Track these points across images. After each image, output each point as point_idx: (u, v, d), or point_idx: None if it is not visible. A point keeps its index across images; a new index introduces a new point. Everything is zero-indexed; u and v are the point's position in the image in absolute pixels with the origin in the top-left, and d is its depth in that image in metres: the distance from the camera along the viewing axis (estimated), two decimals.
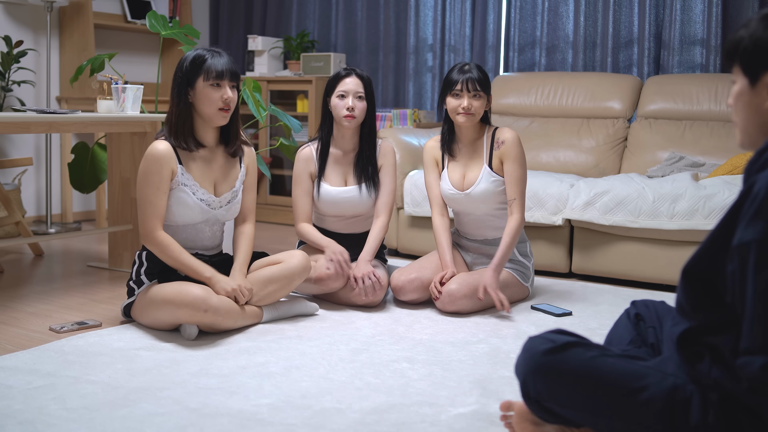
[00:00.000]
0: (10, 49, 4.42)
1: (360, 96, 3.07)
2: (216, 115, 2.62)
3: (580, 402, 1.61)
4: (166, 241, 2.60)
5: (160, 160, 2.59)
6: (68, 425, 1.84)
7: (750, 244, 1.37)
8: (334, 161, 3.19)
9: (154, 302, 2.56)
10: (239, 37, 5.90)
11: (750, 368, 1.36)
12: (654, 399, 1.54)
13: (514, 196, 2.98)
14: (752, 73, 1.47)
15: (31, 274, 3.59)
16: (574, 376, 1.60)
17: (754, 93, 1.47)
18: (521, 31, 4.79)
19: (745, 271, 1.38)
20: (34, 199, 4.92)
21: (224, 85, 2.61)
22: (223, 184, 2.75)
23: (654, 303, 2.00)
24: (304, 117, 5.28)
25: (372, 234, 3.11)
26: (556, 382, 1.61)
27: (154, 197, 2.59)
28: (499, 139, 3.02)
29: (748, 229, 1.38)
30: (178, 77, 2.62)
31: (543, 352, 1.63)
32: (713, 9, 4.21)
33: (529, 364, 1.64)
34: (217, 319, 2.52)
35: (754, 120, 1.49)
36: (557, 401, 1.63)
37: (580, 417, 1.63)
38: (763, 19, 1.46)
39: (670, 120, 4.17)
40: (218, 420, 1.88)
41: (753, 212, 1.37)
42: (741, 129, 1.52)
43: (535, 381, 1.63)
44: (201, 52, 2.63)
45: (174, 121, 2.64)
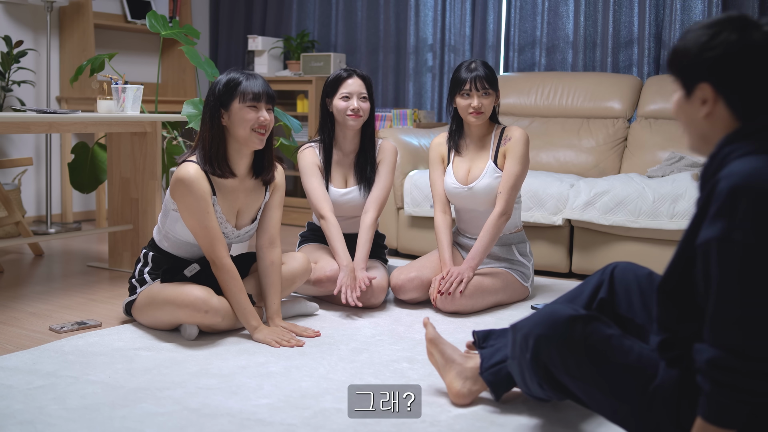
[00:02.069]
0: (10, 49, 4.43)
1: (364, 97, 3.07)
2: (251, 137, 2.52)
3: (588, 375, 1.62)
4: (233, 273, 2.52)
5: (201, 183, 2.47)
6: (68, 425, 1.84)
7: (710, 241, 1.40)
8: (335, 163, 3.18)
9: (155, 302, 2.56)
10: (239, 37, 5.90)
11: (700, 356, 1.42)
12: (664, 386, 1.55)
13: (502, 190, 2.97)
14: (687, 85, 1.50)
15: (31, 274, 3.59)
16: (592, 350, 1.61)
17: (689, 104, 1.51)
18: (521, 31, 4.79)
19: (708, 268, 1.42)
20: (34, 199, 4.92)
21: (261, 107, 2.53)
22: (245, 214, 2.65)
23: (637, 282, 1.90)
24: (304, 117, 5.28)
25: (361, 237, 3.03)
26: (573, 351, 1.63)
27: (208, 222, 2.49)
28: (507, 136, 3.03)
29: (709, 228, 1.41)
30: (211, 101, 2.51)
31: (568, 319, 1.64)
32: (713, 9, 4.21)
33: (550, 328, 1.65)
34: (217, 320, 2.52)
35: (693, 130, 1.53)
36: (566, 369, 1.64)
37: (582, 389, 1.66)
38: (697, 32, 1.48)
39: (670, 120, 4.17)
40: (218, 420, 1.88)
41: (714, 211, 1.40)
42: (686, 136, 1.56)
43: (552, 346, 1.64)
44: (235, 74, 2.53)
45: (208, 146, 2.52)
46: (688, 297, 1.52)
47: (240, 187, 2.61)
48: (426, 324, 2.12)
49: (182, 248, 2.65)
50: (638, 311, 1.86)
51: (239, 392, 2.07)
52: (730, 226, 1.37)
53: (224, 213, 2.59)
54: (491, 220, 2.96)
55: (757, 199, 1.35)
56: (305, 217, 5.03)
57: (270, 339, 2.49)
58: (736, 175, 1.38)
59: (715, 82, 1.45)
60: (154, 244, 2.70)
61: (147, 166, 3.54)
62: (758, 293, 1.36)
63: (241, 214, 2.65)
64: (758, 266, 1.36)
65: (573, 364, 1.64)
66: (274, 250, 2.68)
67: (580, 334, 1.63)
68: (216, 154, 2.52)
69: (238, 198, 2.62)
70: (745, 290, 1.37)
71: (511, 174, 2.97)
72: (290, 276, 2.78)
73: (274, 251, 2.68)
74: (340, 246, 2.97)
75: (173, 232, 2.61)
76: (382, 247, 3.31)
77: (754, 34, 1.42)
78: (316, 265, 3.01)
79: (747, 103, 1.45)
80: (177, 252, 2.66)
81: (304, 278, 2.86)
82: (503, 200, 2.97)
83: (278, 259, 2.69)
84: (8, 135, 4.70)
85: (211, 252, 2.51)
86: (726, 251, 1.37)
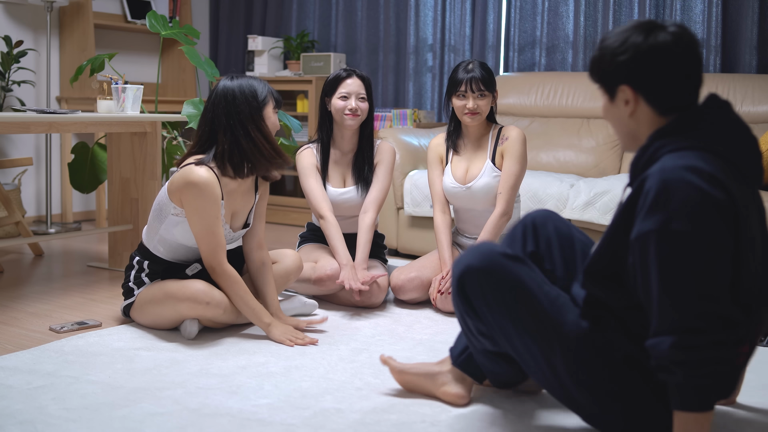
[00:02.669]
0: (10, 49, 4.43)
1: (362, 97, 3.07)
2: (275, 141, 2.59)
3: (508, 311, 1.74)
4: (235, 276, 2.52)
5: (213, 187, 2.46)
6: (68, 425, 1.84)
7: (649, 233, 1.48)
8: (333, 162, 3.18)
9: (155, 298, 2.56)
10: (239, 37, 5.90)
11: (659, 348, 1.47)
12: (572, 334, 1.68)
13: (501, 191, 2.98)
14: (609, 89, 1.63)
15: (31, 274, 3.59)
16: (516, 287, 1.73)
17: (615, 107, 1.64)
18: (521, 31, 4.79)
19: (646, 260, 1.50)
20: (34, 199, 4.92)
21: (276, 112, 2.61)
22: (238, 216, 2.66)
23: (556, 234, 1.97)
24: (304, 117, 5.28)
25: (360, 237, 3.04)
26: (498, 284, 1.74)
27: (215, 227, 2.48)
28: (504, 136, 3.03)
29: (645, 222, 1.49)
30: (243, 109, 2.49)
31: (500, 253, 1.76)
32: (713, 9, 4.21)
33: (480, 259, 1.76)
34: (218, 313, 2.52)
35: (622, 130, 1.66)
36: (488, 302, 1.76)
37: (496, 322, 1.76)
38: (610, 39, 1.61)
39: None
40: (218, 420, 1.88)
41: (648, 206, 1.49)
42: (618, 137, 1.69)
43: (479, 276, 1.75)
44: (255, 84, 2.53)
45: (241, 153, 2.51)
46: (614, 283, 1.64)
47: (239, 189, 2.62)
48: (385, 361, 2.09)
49: (179, 252, 2.63)
50: (558, 264, 1.95)
51: (239, 392, 2.07)
52: (667, 217, 1.46)
53: (225, 215, 2.59)
54: (492, 221, 2.96)
55: (690, 191, 1.46)
56: (305, 217, 5.03)
57: (285, 338, 2.50)
58: (668, 171, 1.48)
59: (632, 82, 1.58)
60: (147, 252, 2.65)
61: (147, 166, 3.55)
62: (700, 275, 1.45)
63: (236, 216, 2.66)
64: (697, 251, 1.46)
65: (492, 298, 1.74)
66: (263, 252, 2.72)
67: (504, 269, 1.74)
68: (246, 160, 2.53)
69: (237, 199, 2.63)
70: (687, 275, 1.46)
71: (511, 174, 2.98)
72: (284, 273, 2.79)
73: (263, 252, 2.72)
74: (340, 245, 2.97)
75: (170, 236, 2.58)
76: (382, 247, 3.31)
77: (660, 35, 1.55)
78: (317, 265, 3.01)
79: (664, 99, 1.58)
80: (173, 257, 2.64)
81: (297, 275, 2.87)
82: (504, 200, 2.97)
83: (268, 259, 2.73)
84: (8, 135, 4.70)
85: (212, 258, 2.50)
86: (665, 241, 1.47)
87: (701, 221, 1.45)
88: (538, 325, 1.71)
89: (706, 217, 1.45)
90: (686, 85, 1.58)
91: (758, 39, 4.13)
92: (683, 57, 1.56)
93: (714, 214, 1.46)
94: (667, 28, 1.56)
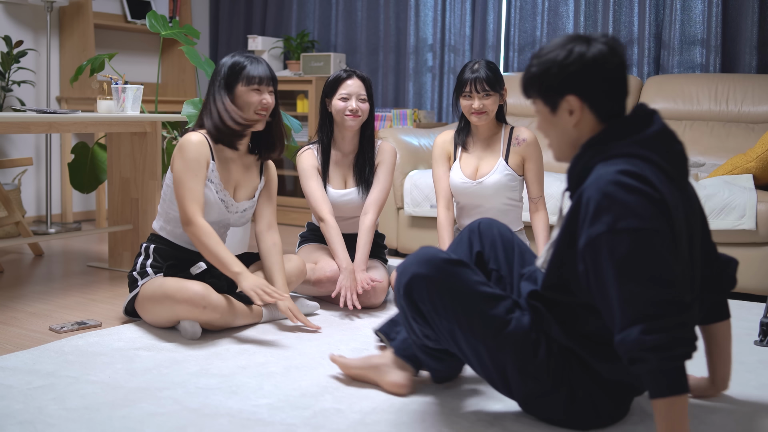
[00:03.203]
0: (10, 49, 4.43)
1: (363, 98, 3.07)
2: (253, 118, 2.66)
3: (452, 314, 1.81)
4: (207, 228, 2.57)
5: (200, 147, 2.61)
6: (68, 425, 1.84)
7: (598, 237, 1.58)
8: (334, 163, 3.18)
9: (155, 296, 2.57)
10: (239, 37, 5.90)
11: (628, 339, 1.54)
12: (515, 332, 1.78)
13: (539, 194, 3.05)
14: (552, 101, 1.70)
15: (31, 274, 3.59)
16: (459, 290, 1.80)
17: (558, 118, 1.73)
18: (521, 31, 4.79)
19: (599, 263, 1.59)
20: (34, 199, 4.92)
21: (263, 90, 2.66)
22: (241, 190, 2.77)
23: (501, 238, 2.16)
24: (304, 117, 5.28)
25: (360, 239, 3.04)
26: (442, 288, 1.81)
27: (192, 183, 2.58)
28: (519, 137, 3.04)
29: (592, 227, 1.59)
30: (218, 81, 2.66)
31: (442, 259, 1.84)
32: (713, 9, 4.21)
33: (425, 266, 1.83)
34: (214, 317, 2.52)
35: (566, 140, 1.74)
36: (435, 308, 1.82)
37: (446, 327, 1.83)
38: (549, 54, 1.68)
39: (670, 120, 4.17)
40: (218, 420, 1.89)
41: (592, 213, 1.59)
42: (555, 149, 1.78)
43: (424, 281, 1.82)
44: (239, 58, 2.67)
45: (218, 119, 2.64)
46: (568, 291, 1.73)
47: (238, 161, 2.75)
48: (334, 360, 2.19)
49: (180, 227, 2.69)
50: (502, 264, 2.12)
51: (239, 392, 2.07)
52: (612, 219, 1.56)
53: (222, 181, 2.69)
54: (545, 222, 3.04)
55: (627, 192, 1.56)
56: (305, 218, 5.03)
57: (253, 291, 2.51)
58: (603, 178, 1.59)
59: (580, 92, 1.66)
60: (154, 236, 2.75)
61: (147, 166, 3.55)
62: (652, 266, 1.54)
63: (239, 189, 2.76)
64: (646, 245, 1.55)
65: (439, 303, 1.81)
66: (273, 233, 2.82)
67: (449, 275, 1.81)
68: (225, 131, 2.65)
69: (236, 171, 2.74)
70: (641, 268, 1.54)
71: (541, 178, 3.06)
72: (287, 277, 2.80)
73: (274, 234, 2.82)
74: (340, 248, 2.97)
75: (173, 210, 2.69)
76: (382, 247, 3.31)
77: (597, 46, 1.65)
78: (316, 266, 3.01)
79: (606, 107, 1.68)
80: (176, 237, 2.71)
81: (300, 280, 2.89)
82: (544, 203, 3.07)
83: (278, 240, 2.81)
84: (8, 135, 4.70)
85: (185, 210, 2.57)
86: (615, 240, 1.56)
87: (643, 217, 1.55)
88: (484, 326, 1.79)
89: (646, 213, 1.56)
90: (622, 92, 1.69)
91: (758, 39, 4.13)
92: (619, 66, 1.67)
93: (652, 209, 1.57)
94: (600, 39, 1.67)
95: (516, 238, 2.17)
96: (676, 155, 1.70)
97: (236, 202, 2.74)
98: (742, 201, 3.21)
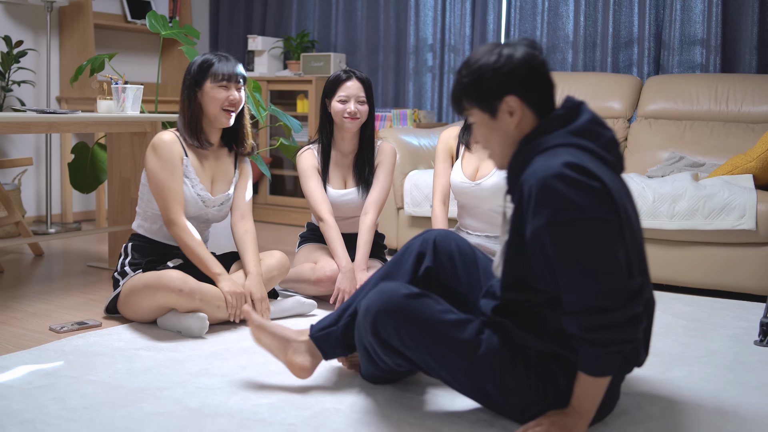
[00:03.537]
0: (10, 49, 4.43)
1: (362, 100, 3.07)
2: (220, 115, 2.72)
3: (423, 347, 1.82)
4: (189, 229, 2.65)
5: (171, 146, 2.68)
6: (68, 425, 1.84)
7: (540, 229, 1.62)
8: (334, 163, 3.18)
9: (135, 289, 2.60)
10: (239, 37, 5.90)
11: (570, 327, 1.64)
12: (487, 353, 1.79)
13: None
14: (490, 106, 1.72)
15: (31, 274, 3.59)
16: (425, 323, 1.81)
17: (498, 122, 1.75)
18: (521, 31, 4.79)
19: (545, 254, 1.64)
20: (34, 199, 4.92)
21: (231, 87, 2.71)
22: (218, 184, 2.83)
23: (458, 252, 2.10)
24: (304, 117, 5.28)
25: (361, 238, 3.05)
26: (409, 324, 1.82)
27: (171, 183, 2.66)
28: None
29: (534, 220, 1.63)
30: (188, 80, 2.73)
31: (403, 295, 1.84)
32: (713, 9, 4.21)
33: (387, 304, 1.84)
34: (195, 303, 2.54)
35: (509, 142, 1.76)
36: (403, 341, 1.83)
37: (420, 359, 1.85)
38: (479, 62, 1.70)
39: (670, 120, 4.17)
40: (218, 420, 1.89)
41: (533, 205, 1.62)
42: (499, 155, 1.79)
43: (390, 319, 1.83)
44: (209, 56, 2.74)
45: (188, 120, 2.73)
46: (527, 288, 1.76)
47: (212, 155, 2.82)
48: (247, 313, 2.14)
49: (157, 223, 2.78)
50: (462, 280, 2.08)
51: (239, 392, 2.07)
52: (553, 210, 1.60)
53: (198, 176, 2.75)
54: None
55: (566, 183, 1.59)
56: (305, 218, 5.04)
57: (228, 295, 2.57)
58: (541, 170, 1.62)
59: (519, 91, 1.70)
60: (133, 234, 2.83)
61: None
62: (594, 257, 1.60)
63: (216, 183, 2.82)
64: (587, 236, 1.60)
65: (408, 338, 1.82)
66: (247, 222, 2.86)
67: (412, 309, 1.82)
68: (195, 127, 2.73)
69: (211, 165, 2.81)
70: (583, 259, 1.60)
71: None
72: (266, 270, 2.80)
73: (247, 223, 2.86)
74: (339, 248, 2.97)
75: (150, 209, 2.77)
76: (382, 247, 3.31)
77: (521, 48, 1.71)
78: (316, 265, 3.02)
79: (543, 102, 1.74)
80: (153, 233, 2.78)
81: (283, 274, 2.89)
82: None
83: (251, 228, 2.85)
84: (8, 135, 4.70)
85: (167, 211, 2.64)
86: (557, 232, 1.60)
87: (583, 207, 1.59)
88: (457, 352, 1.80)
89: (586, 203, 1.59)
90: (552, 87, 1.75)
91: (758, 39, 4.13)
92: (543, 63, 1.73)
93: (593, 199, 1.60)
94: (520, 42, 1.73)
95: (478, 252, 2.12)
96: (609, 142, 1.74)
97: (213, 197, 2.79)
98: (742, 201, 3.21)
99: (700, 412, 1.99)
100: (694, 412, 1.99)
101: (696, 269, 3.33)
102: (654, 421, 1.93)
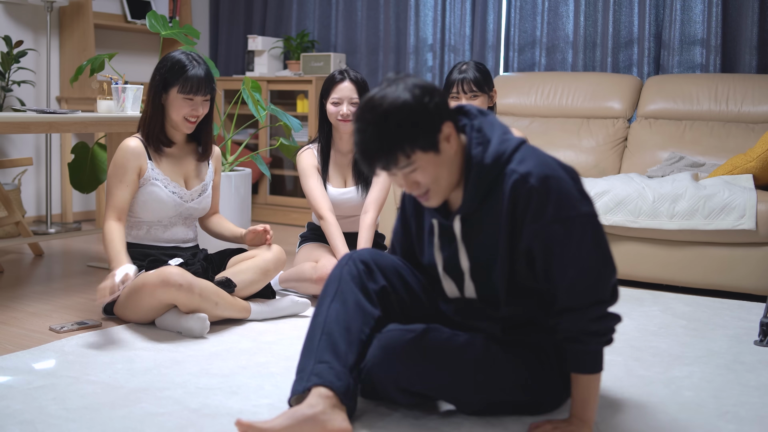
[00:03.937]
0: (10, 49, 4.42)
1: (355, 102, 3.08)
2: (182, 123, 2.76)
3: (446, 378, 1.80)
4: (110, 230, 2.68)
5: (128, 155, 2.72)
6: (68, 425, 1.84)
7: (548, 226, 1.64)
8: (334, 163, 3.19)
9: (135, 287, 2.59)
10: (239, 37, 5.90)
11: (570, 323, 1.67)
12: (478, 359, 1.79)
13: None
14: (431, 141, 1.64)
15: (31, 274, 3.59)
16: (441, 356, 1.79)
17: (443, 154, 1.67)
18: (521, 31, 4.79)
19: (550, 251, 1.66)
20: (34, 199, 4.92)
21: (197, 100, 2.72)
22: (192, 179, 2.88)
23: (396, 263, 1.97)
24: (304, 117, 5.28)
25: (361, 237, 3.06)
26: (425, 363, 1.78)
27: (115, 189, 2.72)
28: None
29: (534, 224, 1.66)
30: (156, 79, 2.73)
31: (408, 341, 1.79)
32: (713, 9, 4.21)
33: (399, 357, 1.78)
34: (194, 299, 2.54)
35: (455, 169, 1.71)
36: (426, 383, 1.80)
37: (450, 394, 1.83)
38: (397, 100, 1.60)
39: (670, 120, 4.17)
40: (218, 420, 1.88)
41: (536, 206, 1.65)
42: (445, 188, 1.71)
43: (407, 369, 1.79)
44: (183, 60, 2.71)
45: (147, 120, 2.77)
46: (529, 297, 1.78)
47: (182, 155, 2.86)
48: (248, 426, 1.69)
49: (142, 229, 2.82)
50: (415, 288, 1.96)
51: (239, 392, 2.07)
52: (551, 211, 1.63)
53: (168, 175, 2.80)
54: None
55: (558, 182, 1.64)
56: (305, 217, 5.03)
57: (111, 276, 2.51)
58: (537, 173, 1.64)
59: (447, 115, 1.67)
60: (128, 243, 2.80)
61: None
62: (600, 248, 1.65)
63: (189, 179, 2.87)
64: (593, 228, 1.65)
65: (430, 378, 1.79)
66: (216, 215, 3.04)
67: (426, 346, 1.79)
68: (154, 128, 2.77)
69: (183, 165, 2.86)
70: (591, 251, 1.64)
71: None
72: (263, 265, 2.80)
73: (216, 215, 3.04)
74: (340, 244, 2.98)
75: (134, 215, 2.81)
76: (382, 247, 3.31)
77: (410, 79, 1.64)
78: (318, 264, 3.02)
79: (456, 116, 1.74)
80: (140, 238, 2.83)
81: (279, 268, 2.87)
82: None
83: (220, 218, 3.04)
84: (8, 135, 4.70)
85: (106, 210, 2.71)
86: (567, 227, 1.63)
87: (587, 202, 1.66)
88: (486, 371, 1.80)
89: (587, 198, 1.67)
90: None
91: (758, 39, 4.13)
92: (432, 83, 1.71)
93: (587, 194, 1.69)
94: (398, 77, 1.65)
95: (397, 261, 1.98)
96: None
97: (188, 191, 2.83)
98: (742, 201, 3.21)
99: (700, 412, 1.99)
100: (694, 412, 1.99)
101: (696, 269, 3.33)
102: (654, 421, 1.93)
